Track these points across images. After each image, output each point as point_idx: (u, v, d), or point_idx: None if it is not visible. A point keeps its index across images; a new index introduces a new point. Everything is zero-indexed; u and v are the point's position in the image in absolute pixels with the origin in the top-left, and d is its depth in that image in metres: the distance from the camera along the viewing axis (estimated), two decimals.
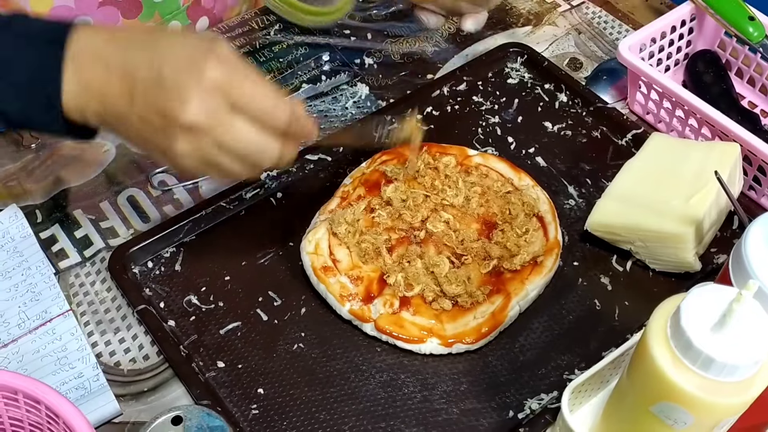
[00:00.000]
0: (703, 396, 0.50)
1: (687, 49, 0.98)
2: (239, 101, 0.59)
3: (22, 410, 0.53)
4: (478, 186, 0.83)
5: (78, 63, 0.60)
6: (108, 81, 0.60)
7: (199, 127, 0.58)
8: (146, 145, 0.62)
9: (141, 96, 0.59)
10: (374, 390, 0.72)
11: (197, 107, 0.58)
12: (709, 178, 0.73)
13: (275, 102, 0.61)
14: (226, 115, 0.59)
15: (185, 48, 0.60)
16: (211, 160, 0.61)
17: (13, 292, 0.78)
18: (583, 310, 0.77)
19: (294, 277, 0.79)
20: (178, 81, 0.58)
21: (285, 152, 0.63)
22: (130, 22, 0.95)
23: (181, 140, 0.59)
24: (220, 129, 0.59)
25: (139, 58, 0.59)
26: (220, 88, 0.58)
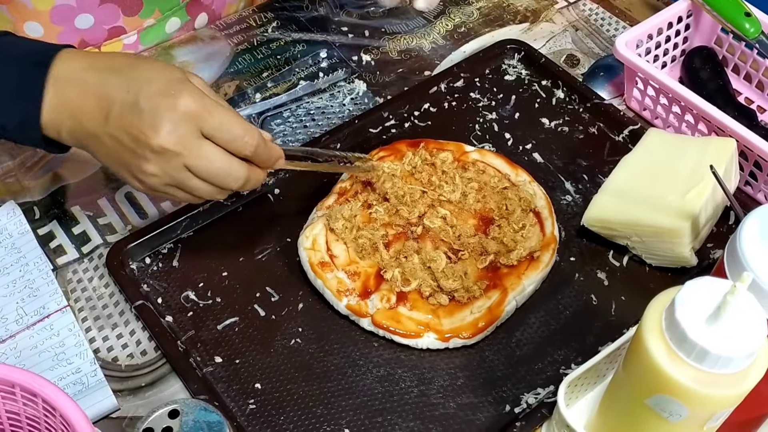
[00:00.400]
0: (698, 388, 0.51)
1: (684, 45, 0.98)
2: (209, 127, 0.64)
3: (19, 404, 0.53)
4: (475, 182, 0.83)
5: (59, 85, 0.65)
6: (85, 101, 0.64)
7: (169, 151, 0.63)
8: (115, 163, 0.67)
9: (116, 117, 0.63)
10: (371, 385, 0.72)
11: (168, 132, 0.62)
12: (705, 173, 0.73)
13: (243, 130, 0.65)
14: (195, 140, 0.63)
15: (162, 78, 0.64)
16: (178, 181, 0.65)
17: (11, 288, 0.78)
18: (579, 305, 0.77)
19: (291, 273, 0.79)
20: (153, 107, 0.62)
21: (251, 176, 0.67)
22: (131, 20, 0.96)
23: (151, 162, 0.64)
24: (189, 153, 0.63)
25: (117, 83, 0.64)
26: (191, 115, 0.63)
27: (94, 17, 0.93)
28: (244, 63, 1.00)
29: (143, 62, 0.67)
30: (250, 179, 0.67)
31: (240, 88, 0.97)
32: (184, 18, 1.01)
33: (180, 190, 0.66)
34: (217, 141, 0.64)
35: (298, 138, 0.92)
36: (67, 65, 0.65)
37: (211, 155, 0.64)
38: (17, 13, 0.89)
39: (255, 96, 0.96)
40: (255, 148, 0.66)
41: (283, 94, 0.97)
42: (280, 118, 0.94)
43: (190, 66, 0.99)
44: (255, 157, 0.66)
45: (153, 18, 0.98)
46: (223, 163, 0.65)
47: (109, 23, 0.95)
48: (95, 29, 0.94)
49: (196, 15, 1.02)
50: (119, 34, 0.97)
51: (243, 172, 0.66)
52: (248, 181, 0.67)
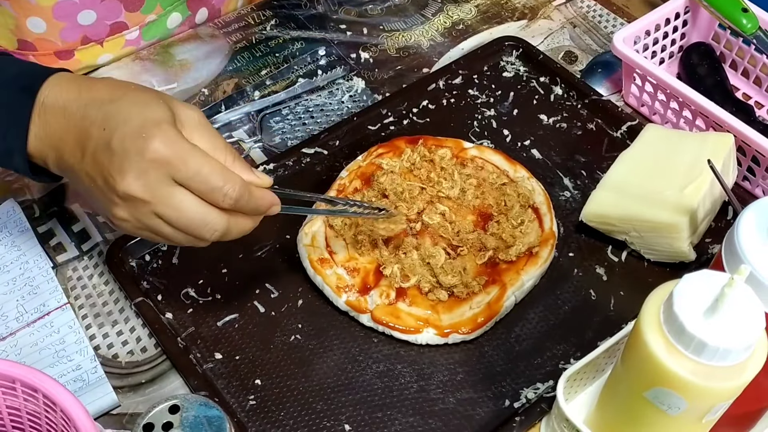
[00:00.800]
0: (696, 381, 0.51)
1: (681, 41, 0.98)
2: (181, 177, 0.59)
3: (19, 399, 0.53)
4: (473, 178, 0.83)
5: (44, 114, 0.62)
6: (67, 133, 0.61)
7: (135, 198, 0.59)
8: (92, 200, 0.63)
9: (91, 155, 0.60)
10: (371, 380, 0.72)
11: (134, 179, 0.58)
12: (703, 168, 0.74)
13: (222, 180, 0.59)
14: (165, 188, 0.59)
15: (139, 117, 0.59)
16: (150, 227, 0.61)
17: (11, 285, 0.78)
18: (578, 300, 0.77)
19: (291, 269, 0.79)
20: (124, 149, 0.58)
21: (232, 227, 0.62)
22: (133, 15, 0.96)
23: (120, 207, 0.60)
24: (158, 201, 0.59)
25: (97, 116, 0.60)
26: (161, 163, 0.58)
27: (97, 13, 0.93)
28: (242, 61, 1.00)
29: (128, 95, 0.62)
30: (230, 230, 0.62)
31: (239, 86, 0.97)
32: (185, 13, 1.01)
33: (154, 235, 0.62)
34: (192, 190, 0.59)
35: (297, 135, 0.92)
36: (54, 93, 0.62)
37: (183, 204, 0.59)
38: (20, 8, 0.90)
39: (254, 94, 0.96)
40: (235, 201, 0.60)
41: (281, 91, 0.97)
42: (279, 116, 0.94)
43: (189, 64, 0.99)
44: (237, 208, 0.61)
45: (155, 13, 0.98)
46: (197, 213, 0.60)
47: (111, 19, 0.95)
48: (97, 25, 0.95)
49: (196, 10, 1.02)
50: (121, 29, 0.97)
51: (221, 224, 0.61)
52: (228, 232, 0.62)
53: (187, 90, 0.97)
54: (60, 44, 0.94)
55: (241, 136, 0.92)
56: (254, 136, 0.92)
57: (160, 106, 0.60)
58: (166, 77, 0.98)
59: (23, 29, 0.91)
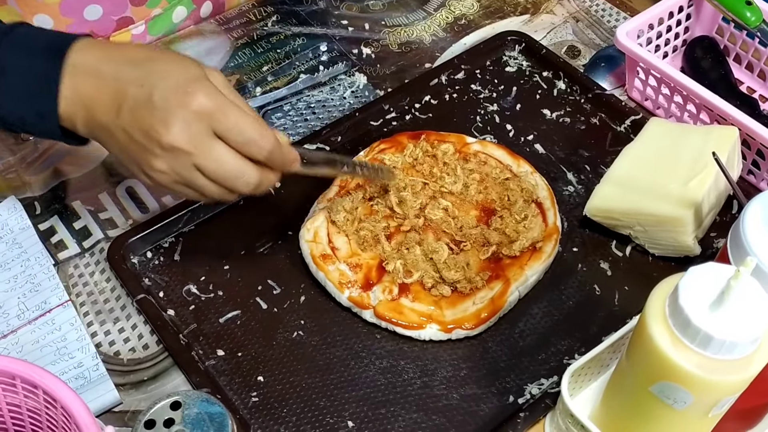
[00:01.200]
0: (702, 374, 0.50)
1: (685, 35, 0.98)
2: (222, 128, 0.62)
3: (20, 396, 0.53)
4: (476, 173, 0.82)
5: (74, 74, 0.63)
6: (99, 92, 0.63)
7: (179, 149, 0.61)
8: (126, 157, 0.65)
9: (129, 111, 0.62)
10: (374, 376, 0.72)
11: (180, 130, 0.60)
12: (707, 161, 0.73)
13: (258, 132, 0.63)
14: (207, 140, 0.61)
15: (178, 73, 0.62)
16: (187, 179, 0.63)
17: (12, 283, 0.78)
18: (582, 295, 0.77)
19: (293, 266, 0.79)
20: (166, 103, 0.60)
21: (263, 180, 0.65)
22: (138, 9, 0.96)
23: (160, 159, 0.62)
24: (199, 153, 0.61)
25: (132, 75, 0.62)
26: (205, 115, 0.61)
27: (103, 8, 0.93)
28: (244, 57, 1.00)
29: (162, 55, 0.65)
30: (261, 183, 0.65)
31: (240, 82, 0.97)
32: (191, 7, 1.01)
33: (189, 189, 0.64)
34: (230, 142, 0.62)
35: (299, 131, 0.92)
36: (83, 55, 0.63)
37: (223, 157, 0.62)
38: (26, 6, 0.89)
39: (255, 90, 0.96)
40: (269, 153, 0.64)
41: (283, 87, 0.96)
42: (281, 112, 0.94)
43: None
44: (269, 161, 0.64)
45: (160, 7, 0.98)
46: (234, 165, 0.63)
47: (117, 14, 0.95)
48: (104, 20, 0.94)
49: (201, 4, 1.02)
50: (127, 24, 0.97)
51: (254, 176, 0.64)
52: (260, 185, 0.65)
53: None
54: None
55: None
56: None
57: (194, 65, 0.64)
58: None
59: None
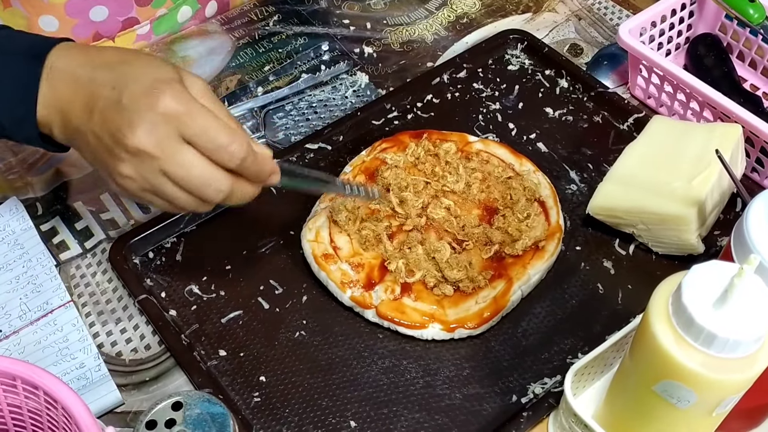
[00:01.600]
0: (706, 373, 0.50)
1: (688, 33, 0.97)
2: (190, 132, 0.59)
3: (20, 397, 0.53)
4: (478, 172, 0.82)
5: (52, 78, 0.63)
6: (75, 96, 0.62)
7: (144, 153, 0.59)
8: (96, 162, 0.63)
9: (99, 114, 0.60)
10: (376, 376, 0.72)
11: (145, 133, 0.58)
12: (711, 159, 0.73)
13: (229, 138, 0.60)
14: (174, 144, 0.59)
15: (149, 76, 0.60)
16: (154, 186, 0.61)
17: (14, 284, 0.78)
18: (585, 294, 0.77)
19: (295, 265, 0.79)
20: (134, 105, 0.59)
21: (236, 190, 0.62)
22: (144, 10, 0.96)
23: (126, 163, 0.60)
24: (166, 157, 0.59)
25: (106, 78, 0.61)
26: (172, 117, 0.59)
27: (108, 9, 0.93)
28: (245, 57, 1.00)
29: (138, 59, 0.63)
30: (234, 193, 0.62)
31: (242, 81, 0.97)
32: (195, 6, 1.01)
33: (157, 197, 0.62)
34: (199, 148, 0.59)
35: (300, 131, 0.91)
36: (62, 59, 0.63)
37: (190, 161, 0.59)
38: (32, 7, 0.89)
39: (257, 90, 0.96)
40: (241, 161, 0.61)
41: (285, 87, 0.96)
42: (283, 112, 0.94)
43: (192, 61, 0.99)
44: (241, 169, 0.62)
45: (165, 7, 0.98)
46: (203, 171, 0.60)
47: (122, 14, 0.95)
48: (109, 21, 0.94)
49: (206, 3, 1.02)
50: (132, 24, 0.97)
51: (225, 184, 0.61)
52: (232, 195, 0.62)
53: None
54: None
55: None
56: (258, 132, 0.92)
57: (169, 68, 0.62)
58: None
59: (35, 29, 0.91)
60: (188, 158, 0.59)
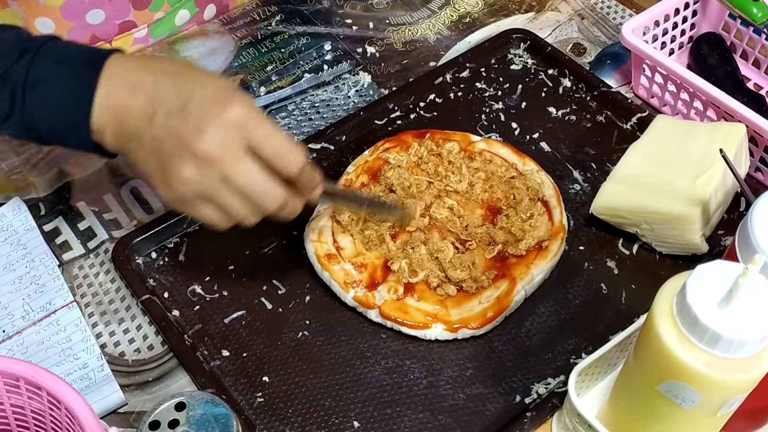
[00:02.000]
0: (711, 373, 0.50)
1: (691, 32, 0.97)
2: (255, 141, 0.61)
3: (23, 397, 0.53)
4: (482, 171, 0.82)
5: (110, 86, 0.63)
6: (134, 101, 0.63)
7: (209, 157, 0.60)
8: (152, 166, 0.63)
9: (162, 119, 0.61)
10: (380, 376, 0.71)
11: (213, 138, 0.60)
12: (714, 158, 0.73)
13: (290, 148, 0.62)
14: (238, 151, 0.61)
15: (214, 84, 0.62)
16: (212, 192, 0.62)
17: (17, 284, 0.78)
18: (589, 294, 0.76)
19: (298, 266, 0.78)
20: (202, 112, 0.60)
21: (289, 202, 0.64)
22: (141, 13, 0.96)
23: (189, 166, 0.61)
24: (229, 163, 0.61)
25: (169, 85, 0.62)
26: (238, 126, 0.60)
27: (105, 12, 0.93)
28: (248, 57, 1.00)
29: (195, 69, 0.66)
30: (287, 204, 0.64)
31: (244, 81, 0.97)
32: (193, 10, 1.01)
33: (210, 204, 0.63)
34: (262, 152, 0.61)
35: (303, 131, 0.91)
36: (119, 67, 0.64)
37: (252, 169, 0.61)
38: (28, 9, 0.89)
39: (259, 90, 0.96)
40: (300, 168, 0.63)
41: (287, 87, 0.96)
42: (285, 111, 0.94)
43: (194, 61, 0.98)
44: (299, 177, 0.63)
45: (162, 11, 0.98)
46: (263, 179, 0.62)
47: (119, 17, 0.95)
48: (106, 24, 0.94)
49: (204, 6, 1.02)
50: (130, 28, 0.97)
51: (281, 195, 0.63)
52: (285, 206, 0.64)
53: None
54: None
55: None
56: None
57: (225, 80, 0.65)
58: None
59: (31, 30, 0.91)
60: (251, 166, 0.61)
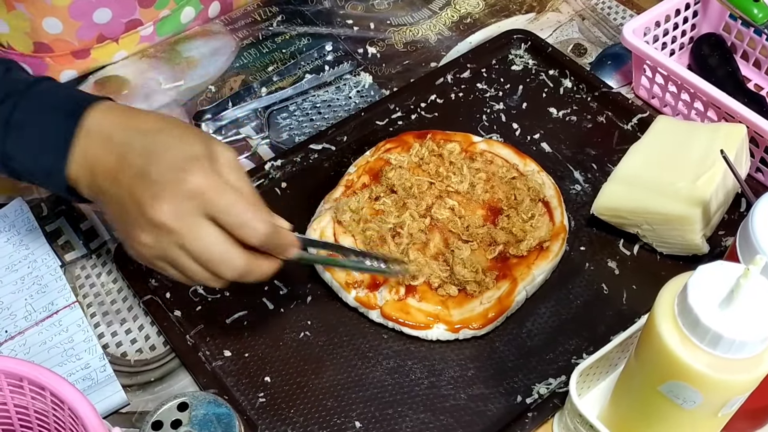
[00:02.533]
0: (712, 374, 0.50)
1: (692, 32, 0.97)
2: (214, 210, 0.60)
3: (27, 397, 0.53)
4: (483, 172, 0.82)
5: (87, 137, 0.63)
6: (104, 158, 0.62)
7: (165, 226, 0.59)
8: (117, 224, 0.64)
9: (126, 180, 0.61)
10: (381, 377, 0.72)
11: (168, 208, 0.59)
12: (715, 159, 0.73)
13: (252, 217, 0.60)
14: (195, 220, 0.60)
15: (181, 150, 0.61)
16: (170, 258, 0.61)
17: (19, 284, 0.78)
18: (590, 294, 0.77)
19: (299, 266, 0.78)
20: (160, 178, 0.60)
21: (254, 268, 0.62)
22: (147, 11, 0.96)
23: (146, 233, 0.60)
24: (186, 233, 0.60)
25: (138, 145, 0.62)
26: (196, 195, 0.59)
27: (112, 11, 0.93)
28: (249, 57, 1.00)
29: (174, 128, 0.64)
30: (251, 271, 0.62)
31: (246, 82, 0.97)
32: (198, 7, 1.01)
33: (172, 268, 0.62)
34: (223, 224, 0.60)
35: (304, 131, 0.91)
36: (99, 119, 0.64)
37: (209, 238, 0.60)
38: (36, 10, 0.90)
39: (261, 90, 0.96)
40: (265, 237, 0.61)
41: (288, 87, 0.96)
42: (286, 112, 0.94)
43: (196, 62, 0.99)
44: (265, 245, 0.62)
45: (168, 9, 0.98)
46: (221, 248, 0.60)
47: (126, 16, 0.95)
48: (113, 23, 0.95)
49: (209, 4, 1.02)
50: (136, 26, 0.97)
51: (240, 263, 0.61)
52: (249, 273, 0.62)
53: (193, 87, 0.97)
54: (76, 44, 0.94)
55: (248, 133, 0.92)
56: (261, 132, 0.92)
57: (199, 142, 0.62)
58: (173, 74, 0.98)
59: (39, 31, 0.91)
60: (207, 235, 0.60)
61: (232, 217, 0.60)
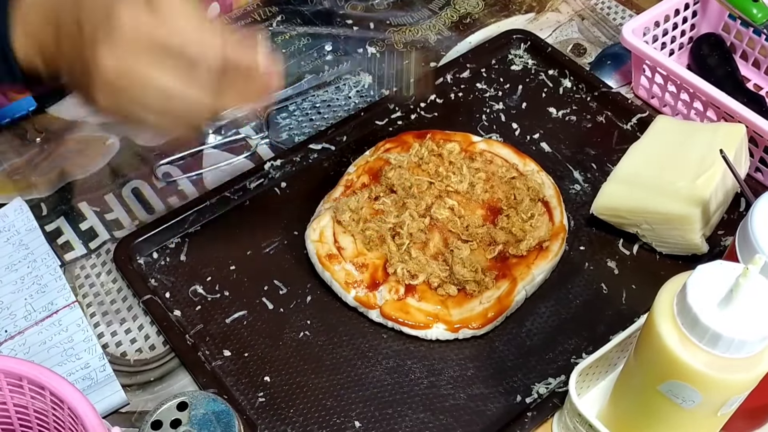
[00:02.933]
0: (711, 373, 0.50)
1: (691, 32, 0.97)
2: (154, 41, 0.54)
3: (26, 397, 0.53)
4: (482, 172, 0.82)
5: (23, 16, 0.60)
6: (44, 30, 0.59)
7: (113, 85, 0.55)
8: (78, 91, 0.59)
9: (66, 44, 0.57)
10: (381, 376, 0.72)
11: (108, 62, 0.54)
12: (715, 159, 0.73)
13: (200, 35, 0.55)
14: (139, 68, 0.55)
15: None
16: (134, 115, 0.58)
17: (19, 284, 0.78)
18: (589, 294, 0.77)
19: (299, 266, 0.79)
20: (92, 31, 0.55)
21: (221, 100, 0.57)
22: None
23: (101, 92, 0.56)
24: (134, 87, 0.55)
25: (67, 7, 0.57)
26: (131, 37, 0.54)
27: None
28: None
29: None
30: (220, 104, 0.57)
31: None
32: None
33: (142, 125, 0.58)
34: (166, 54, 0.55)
35: (304, 131, 0.91)
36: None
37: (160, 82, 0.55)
38: None
39: None
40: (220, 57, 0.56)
41: (288, 87, 0.96)
42: (286, 112, 0.94)
43: None
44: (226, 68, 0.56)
45: None
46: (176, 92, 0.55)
47: None
48: None
49: (208, 5, 1.02)
50: None
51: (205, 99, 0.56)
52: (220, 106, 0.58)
53: None
54: None
55: (248, 133, 0.92)
56: (261, 132, 0.92)
57: None
58: None
59: None
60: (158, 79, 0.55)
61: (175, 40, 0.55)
